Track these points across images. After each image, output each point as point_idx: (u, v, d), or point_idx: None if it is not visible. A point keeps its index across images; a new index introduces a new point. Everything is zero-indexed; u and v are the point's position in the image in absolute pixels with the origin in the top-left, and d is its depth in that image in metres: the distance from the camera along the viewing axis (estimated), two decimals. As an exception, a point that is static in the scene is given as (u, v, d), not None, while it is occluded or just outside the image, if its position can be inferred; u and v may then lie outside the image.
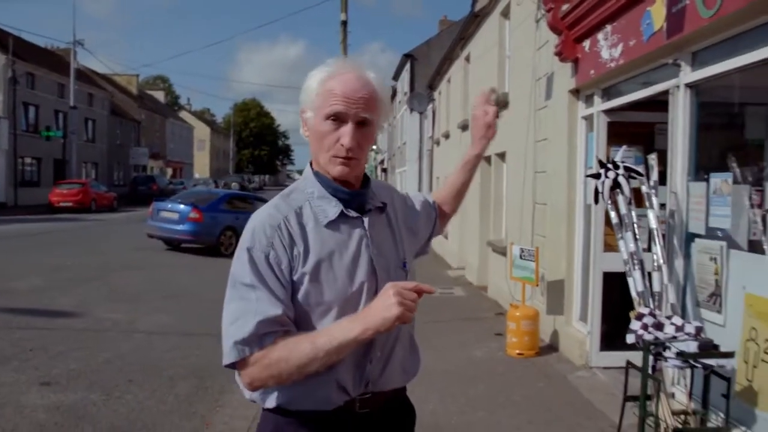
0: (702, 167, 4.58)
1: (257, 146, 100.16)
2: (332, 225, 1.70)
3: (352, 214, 1.72)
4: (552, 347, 7.22)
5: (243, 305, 1.60)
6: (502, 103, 9.70)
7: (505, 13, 10.47)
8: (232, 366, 1.61)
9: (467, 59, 14.22)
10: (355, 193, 1.74)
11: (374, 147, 62.92)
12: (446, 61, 17.21)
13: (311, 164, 1.78)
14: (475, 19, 12.36)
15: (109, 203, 33.74)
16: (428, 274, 12.92)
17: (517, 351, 6.91)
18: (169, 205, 16.04)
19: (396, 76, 35.12)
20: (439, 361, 6.62)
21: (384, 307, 1.51)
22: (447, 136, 17.03)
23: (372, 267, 1.71)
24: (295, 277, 1.63)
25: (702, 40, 4.32)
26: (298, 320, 1.64)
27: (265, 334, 1.57)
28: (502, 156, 10.87)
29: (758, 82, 4.46)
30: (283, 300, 1.61)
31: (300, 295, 1.63)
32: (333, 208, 1.70)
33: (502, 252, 9.51)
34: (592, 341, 6.31)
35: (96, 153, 46.07)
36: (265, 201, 17.98)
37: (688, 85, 4.57)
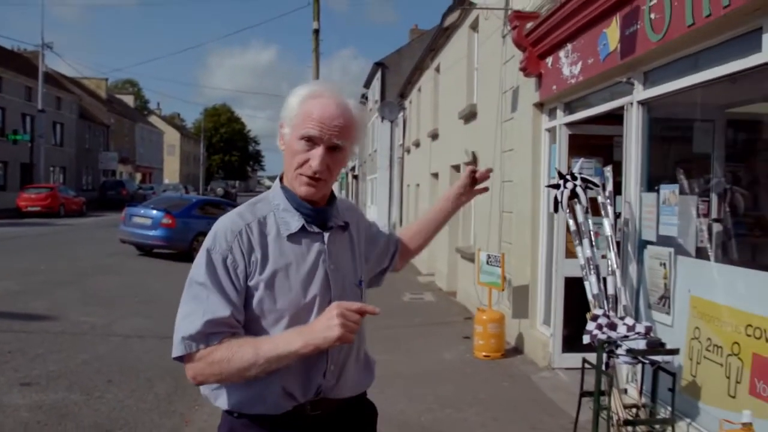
0: (654, 178, 4.93)
1: (228, 152, 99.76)
2: (293, 237, 1.76)
3: (314, 229, 1.79)
4: (517, 349, 7.54)
5: (195, 303, 1.67)
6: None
7: (474, 26, 10.82)
8: (180, 359, 1.68)
9: (437, 70, 14.58)
10: (319, 210, 1.81)
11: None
12: (417, 70, 17.55)
13: (281, 178, 1.86)
14: (445, 32, 12.71)
15: (78, 208, 33.44)
16: (399, 279, 13.19)
17: (484, 353, 7.21)
18: (142, 211, 16.11)
19: (367, 84, 35.43)
20: (409, 363, 6.89)
21: (326, 327, 1.57)
22: (417, 144, 17.37)
23: (327, 281, 1.77)
24: (250, 283, 1.70)
25: (652, 61, 4.68)
26: (250, 325, 1.71)
27: (212, 333, 1.63)
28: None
29: (704, 100, 4.83)
30: (233, 303, 1.67)
31: (254, 301, 1.70)
32: (296, 222, 1.77)
33: (471, 258, 9.83)
34: (554, 343, 6.63)
35: (64, 157, 45.60)
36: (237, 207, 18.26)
37: (641, 102, 4.92)
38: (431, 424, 5.20)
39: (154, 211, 15.83)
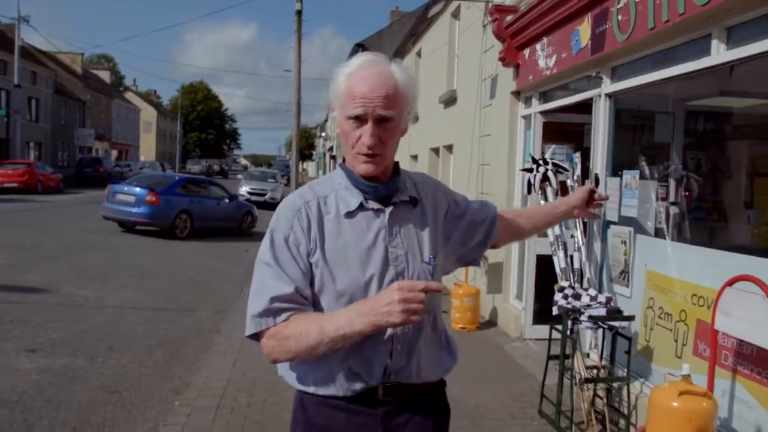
0: (618, 164, 5.42)
1: (204, 130, 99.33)
2: (352, 215, 1.75)
3: (373, 205, 1.77)
4: (491, 322, 8.05)
5: (260, 282, 1.71)
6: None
7: (456, 15, 11.22)
8: (253, 337, 1.71)
9: (418, 54, 14.96)
10: (379, 186, 1.78)
11: (323, 134, 63.23)
12: (398, 54, 17.88)
13: (343, 158, 1.86)
14: (426, 18, 13.08)
15: (55, 185, 33.31)
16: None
17: (460, 325, 7.71)
18: (126, 188, 16.33)
19: (347, 65, 35.61)
20: (391, 333, 7.37)
21: (387, 311, 1.53)
22: (398, 126, 17.76)
23: (386, 258, 1.73)
24: (312, 260, 1.71)
25: (619, 58, 5.14)
26: (316, 303, 1.73)
27: (280, 309, 1.66)
28: (449, 148, 11.66)
29: (666, 94, 5.31)
30: (297, 280, 1.69)
31: (316, 279, 1.72)
32: (354, 199, 1.76)
33: (449, 237, 10.30)
34: (525, 316, 7.15)
35: (40, 133, 45.27)
36: (219, 185, 18.06)
37: (608, 95, 5.39)
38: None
39: (138, 189, 16.06)
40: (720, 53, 3.90)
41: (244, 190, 28.18)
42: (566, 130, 6.92)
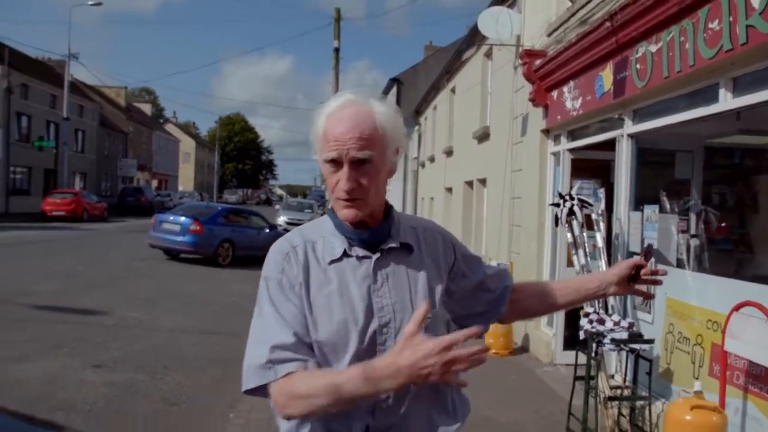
0: (640, 199, 5.82)
1: (241, 160, 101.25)
2: (336, 262, 1.67)
3: (359, 252, 1.68)
4: (523, 348, 8.41)
5: (259, 331, 1.63)
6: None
7: (488, 55, 11.75)
8: (252, 392, 1.60)
9: (453, 91, 15.52)
10: (365, 232, 1.68)
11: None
12: (433, 89, 18.51)
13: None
14: (460, 57, 13.65)
15: (100, 213, 34.51)
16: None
17: (494, 351, 8.07)
18: (171, 218, 17.08)
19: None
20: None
21: (427, 373, 1.41)
22: (432, 159, 18.29)
23: (369, 308, 1.63)
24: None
25: (639, 102, 5.58)
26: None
27: (282, 360, 1.55)
28: (483, 182, 12.11)
29: (685, 133, 5.72)
30: (295, 324, 1.60)
31: None
32: (339, 246, 1.67)
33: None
34: (556, 342, 7.51)
35: (85, 163, 46.85)
36: (259, 216, 18.75)
37: (630, 135, 5.82)
38: (448, 405, 6.07)
39: (183, 218, 16.79)
40: (727, 101, 4.33)
41: (282, 220, 28.91)
42: (593, 165, 7.33)
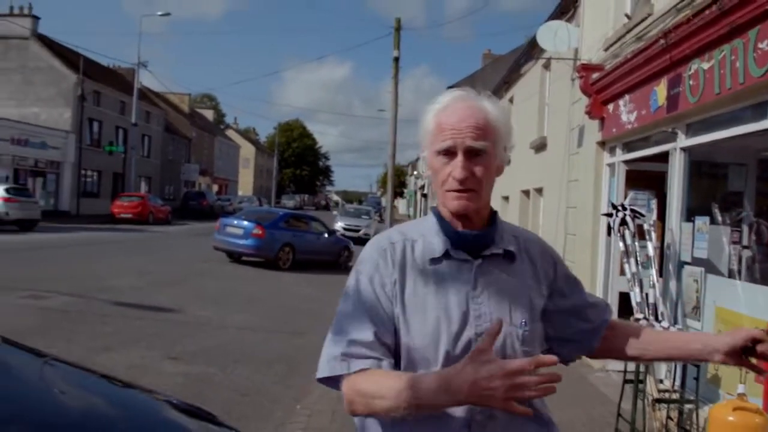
0: (692, 210, 6.00)
1: (299, 166, 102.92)
2: (436, 263, 1.63)
3: (461, 255, 1.63)
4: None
5: (340, 324, 1.62)
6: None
7: (546, 66, 11.96)
8: (325, 381, 1.60)
9: (511, 101, 15.74)
10: (470, 234, 1.64)
11: (414, 172, 64.60)
12: (491, 99, 18.76)
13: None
14: (519, 67, 13.88)
15: (164, 216, 35.80)
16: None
17: (546, 356, 8.30)
18: (235, 222, 17.77)
19: (440, 107, 36.81)
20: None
21: (488, 395, 1.32)
22: (489, 167, 18.53)
23: (466, 316, 1.58)
24: (394, 308, 1.60)
25: (692, 116, 5.78)
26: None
27: (358, 356, 1.54)
28: (539, 191, 12.31)
29: (738, 147, 5.88)
30: (378, 323, 1.57)
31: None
32: (440, 246, 1.63)
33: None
34: (626, 365, 7.69)
35: (150, 168, 48.55)
36: (319, 221, 19.33)
37: (683, 149, 6.01)
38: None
39: (246, 222, 17.45)
40: (776, 118, 4.52)
41: (339, 225, 29.47)
42: (647, 176, 7.51)
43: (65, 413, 2.08)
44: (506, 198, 15.48)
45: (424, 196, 48.01)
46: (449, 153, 1.60)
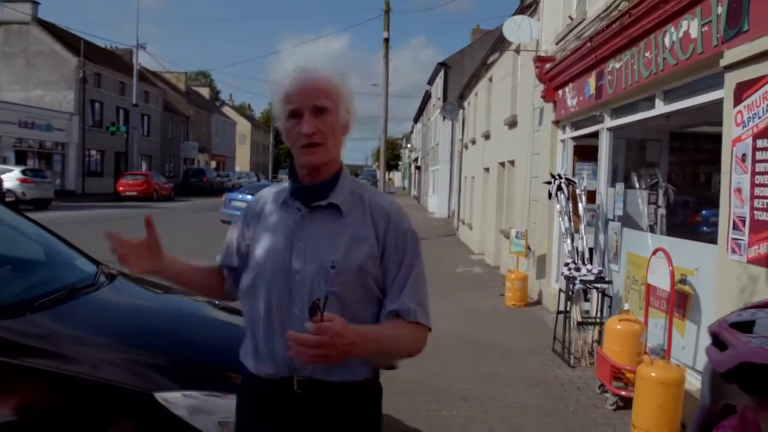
0: (616, 178, 7.54)
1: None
2: (278, 210, 1.93)
3: (296, 204, 1.89)
4: (537, 302, 10.20)
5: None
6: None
7: (517, 50, 13.39)
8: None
9: (490, 80, 17.18)
10: (304, 187, 1.89)
11: (408, 145, 65.97)
12: (474, 78, 20.17)
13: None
14: (496, 50, 15.30)
15: (167, 193, 37.26)
16: (454, 258, 15.99)
17: (512, 303, 9.90)
18: (240, 196, 19.30)
19: (431, 82, 38.14)
20: (458, 308, 9.65)
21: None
22: (473, 141, 20.00)
23: (289, 255, 1.85)
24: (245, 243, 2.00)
25: (613, 104, 7.29)
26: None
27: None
28: (512, 163, 13.83)
29: (652, 127, 7.40)
30: (226, 254, 2.13)
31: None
32: (282, 197, 1.94)
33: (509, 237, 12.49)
34: (560, 298, 9.26)
35: (150, 146, 49.84)
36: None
37: (608, 129, 7.53)
38: (472, 336, 7.94)
39: (249, 196, 18.91)
40: (660, 107, 6.04)
41: (335, 197, 30.88)
42: (591, 150, 9.02)
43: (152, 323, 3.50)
44: (487, 169, 16.96)
45: (418, 168, 49.28)
46: (297, 114, 1.79)
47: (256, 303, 1.88)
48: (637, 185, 7.30)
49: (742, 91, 4.36)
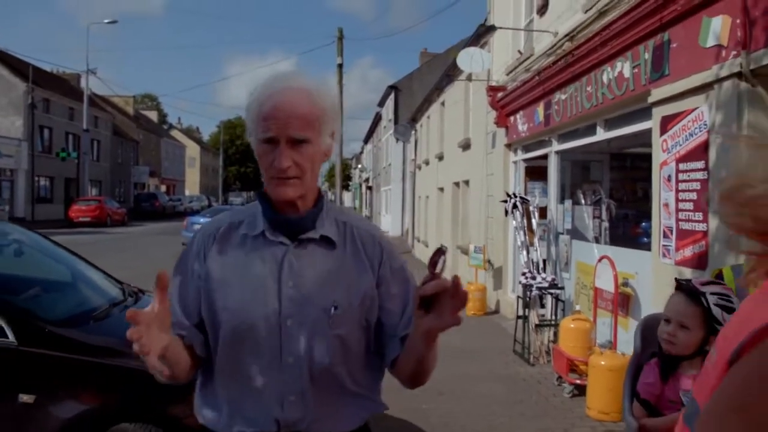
0: (563, 195, 8.44)
1: (243, 163, 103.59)
2: (250, 244, 1.66)
3: (278, 238, 1.65)
4: (495, 311, 11.03)
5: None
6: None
7: (469, 78, 14.34)
8: None
9: (443, 104, 18.13)
10: (285, 218, 1.66)
11: (359, 165, 66.81)
12: (426, 102, 21.13)
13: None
14: (448, 77, 16.26)
15: (121, 218, 37.10)
16: (415, 272, 16.78)
17: (473, 312, 10.69)
18: (201, 219, 19.77)
19: (381, 104, 39.12)
20: (422, 317, 10.39)
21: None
22: (427, 162, 20.91)
23: (277, 299, 1.61)
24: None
25: (559, 130, 8.21)
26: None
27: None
28: (467, 183, 14.74)
29: (595, 149, 8.33)
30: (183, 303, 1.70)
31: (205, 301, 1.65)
32: (259, 228, 1.66)
33: (467, 252, 13.34)
34: (518, 304, 10.12)
35: (101, 172, 49.33)
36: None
37: (556, 152, 8.45)
38: (441, 341, 8.64)
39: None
40: (600, 134, 6.96)
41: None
42: (540, 171, 9.95)
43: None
44: (441, 189, 17.85)
45: (369, 188, 50.04)
46: (272, 141, 1.57)
47: (233, 358, 1.64)
48: (583, 201, 8.21)
49: (666, 123, 5.27)
